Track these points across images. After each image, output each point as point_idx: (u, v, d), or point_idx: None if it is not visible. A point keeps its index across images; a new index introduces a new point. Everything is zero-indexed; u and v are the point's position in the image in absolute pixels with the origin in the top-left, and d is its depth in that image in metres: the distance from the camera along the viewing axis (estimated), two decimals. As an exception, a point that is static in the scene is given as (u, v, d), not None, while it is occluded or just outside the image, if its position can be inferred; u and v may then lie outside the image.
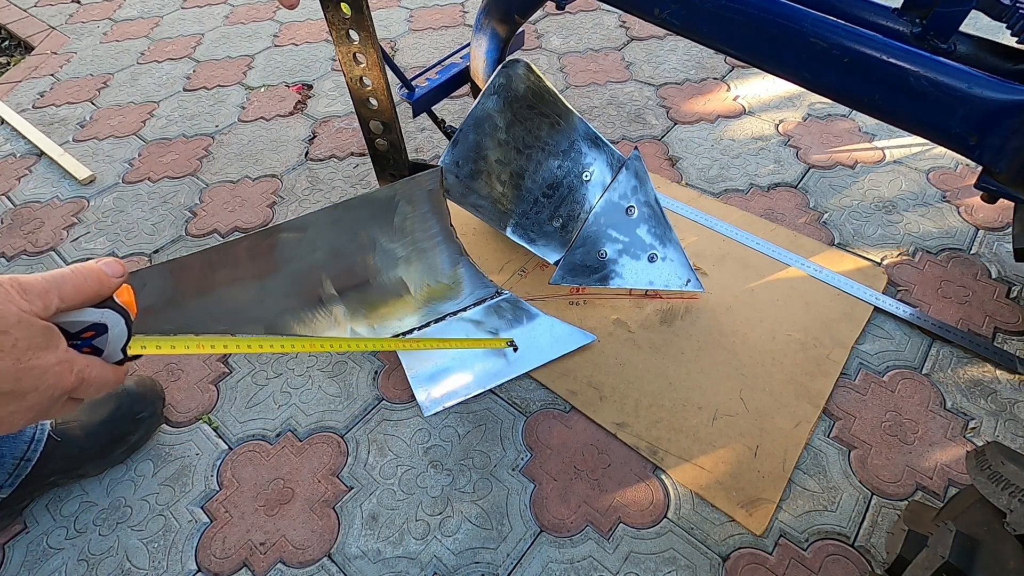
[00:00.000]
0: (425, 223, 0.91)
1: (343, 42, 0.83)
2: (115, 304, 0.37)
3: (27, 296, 0.32)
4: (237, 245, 0.74)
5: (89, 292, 0.35)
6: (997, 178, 0.72)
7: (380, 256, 0.89)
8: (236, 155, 1.34)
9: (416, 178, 0.85)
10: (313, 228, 0.80)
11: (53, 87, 1.64)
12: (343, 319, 0.88)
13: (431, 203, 0.89)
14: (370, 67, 0.85)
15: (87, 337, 0.36)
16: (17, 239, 1.17)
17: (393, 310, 0.92)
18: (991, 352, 0.86)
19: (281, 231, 0.77)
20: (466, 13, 1.80)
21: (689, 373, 0.86)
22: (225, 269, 0.75)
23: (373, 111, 0.92)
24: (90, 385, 0.36)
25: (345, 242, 0.85)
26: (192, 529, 0.75)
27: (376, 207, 0.85)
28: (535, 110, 0.91)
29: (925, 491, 0.74)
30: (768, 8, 0.71)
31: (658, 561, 0.69)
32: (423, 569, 0.70)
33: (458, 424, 0.83)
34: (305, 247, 0.81)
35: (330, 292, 0.86)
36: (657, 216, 0.92)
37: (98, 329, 0.36)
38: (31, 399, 0.32)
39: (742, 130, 1.30)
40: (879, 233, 1.05)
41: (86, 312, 0.36)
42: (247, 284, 0.78)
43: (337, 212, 0.81)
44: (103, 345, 0.37)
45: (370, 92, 0.89)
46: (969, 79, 0.65)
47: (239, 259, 0.76)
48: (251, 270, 0.77)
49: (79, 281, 0.34)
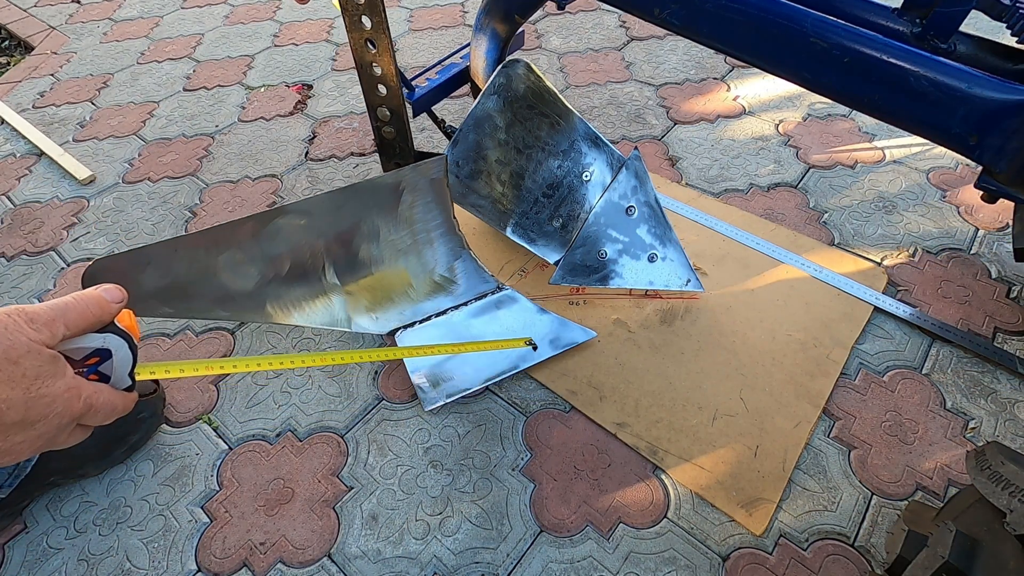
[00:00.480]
0: (428, 213, 0.91)
1: (356, 28, 0.84)
2: (117, 328, 0.37)
3: (34, 325, 0.32)
4: (242, 225, 0.75)
5: (92, 319, 0.35)
6: (997, 178, 0.72)
7: (383, 245, 0.89)
8: (236, 155, 1.34)
9: (421, 165, 0.85)
10: (317, 212, 0.80)
11: (53, 87, 1.64)
12: (344, 308, 0.88)
13: (435, 192, 0.89)
14: (381, 53, 0.86)
15: (92, 364, 0.36)
16: (17, 239, 1.17)
17: (394, 301, 0.92)
18: (991, 352, 0.86)
19: (285, 213, 0.77)
20: (466, 13, 1.80)
21: (689, 373, 0.86)
22: (228, 251, 0.75)
23: (382, 98, 0.93)
24: (98, 411, 0.36)
25: (348, 229, 0.84)
26: (192, 529, 0.75)
27: (380, 194, 0.85)
28: (535, 110, 0.91)
29: (925, 491, 0.74)
30: (768, 8, 0.71)
31: (658, 561, 0.69)
32: (423, 569, 0.70)
33: (458, 424, 0.83)
34: (309, 232, 0.81)
35: (332, 281, 0.86)
36: (657, 216, 0.92)
37: (102, 355, 0.36)
38: (40, 428, 0.32)
39: (742, 130, 1.30)
40: (879, 233, 1.05)
41: (88, 338, 0.36)
42: (248, 268, 0.78)
43: (341, 197, 0.81)
44: (109, 371, 0.37)
45: (380, 79, 0.90)
46: (969, 79, 0.65)
47: (242, 241, 0.76)
48: (253, 253, 0.78)
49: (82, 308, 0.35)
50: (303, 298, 0.85)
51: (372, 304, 0.90)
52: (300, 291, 0.84)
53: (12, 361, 0.30)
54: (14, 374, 0.30)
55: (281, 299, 0.83)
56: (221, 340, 0.95)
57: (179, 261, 0.73)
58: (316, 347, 0.94)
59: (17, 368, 0.30)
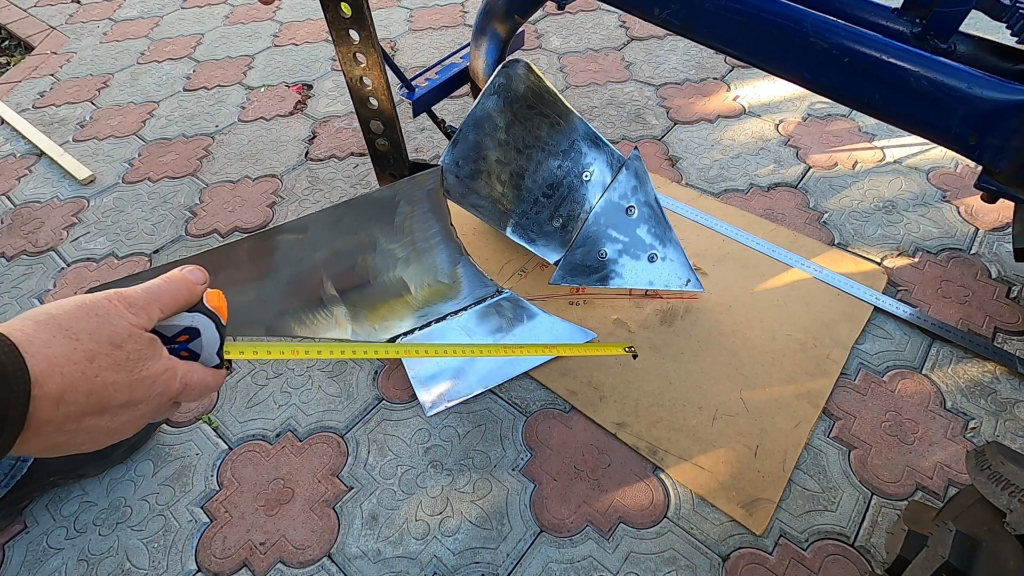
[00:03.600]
0: (425, 223, 0.91)
1: (343, 42, 0.83)
2: (205, 308, 0.38)
3: (133, 310, 0.34)
4: (238, 247, 0.74)
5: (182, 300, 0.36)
6: (997, 178, 0.72)
7: (380, 256, 0.89)
8: (236, 155, 1.34)
9: (416, 177, 0.85)
10: (314, 229, 0.80)
11: (53, 87, 1.64)
12: (344, 320, 0.88)
13: (431, 203, 0.89)
14: (370, 67, 0.85)
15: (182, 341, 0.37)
16: (17, 239, 1.17)
17: (393, 310, 0.92)
18: (991, 352, 0.86)
19: (282, 232, 0.77)
20: (466, 13, 1.80)
21: (689, 373, 0.86)
22: (226, 271, 0.75)
23: (373, 111, 0.92)
24: (192, 389, 0.37)
25: (345, 242, 0.85)
26: (192, 529, 0.75)
27: (376, 207, 0.85)
28: (535, 110, 0.91)
29: (925, 491, 0.74)
30: (768, 8, 0.71)
31: (658, 561, 0.69)
32: (423, 569, 0.70)
33: (458, 424, 0.83)
34: (306, 248, 0.81)
35: (331, 293, 0.86)
36: (657, 216, 0.92)
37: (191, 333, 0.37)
38: (142, 408, 0.34)
39: (742, 130, 1.30)
40: (879, 233, 1.05)
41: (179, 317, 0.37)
42: (247, 286, 0.78)
43: (338, 212, 0.81)
44: (199, 349, 0.38)
45: (370, 92, 0.89)
46: (969, 79, 0.65)
47: (240, 261, 0.76)
48: (251, 272, 0.77)
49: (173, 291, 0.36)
50: (302, 311, 0.85)
51: (371, 313, 0.90)
52: (299, 305, 0.84)
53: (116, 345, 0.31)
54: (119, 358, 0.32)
55: (280, 314, 0.83)
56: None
57: None
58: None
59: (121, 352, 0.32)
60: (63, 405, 0.30)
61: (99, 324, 0.31)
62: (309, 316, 0.85)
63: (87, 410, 0.31)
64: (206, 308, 0.38)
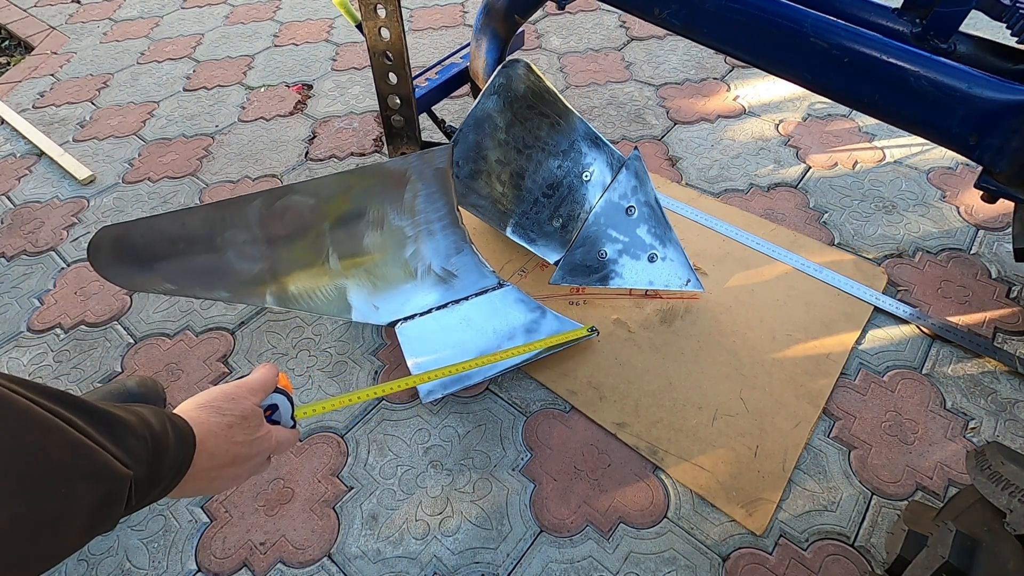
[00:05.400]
0: (432, 204, 0.91)
1: (371, 17, 0.87)
2: (280, 389, 0.53)
3: (252, 394, 0.48)
4: (251, 200, 0.75)
5: (269, 387, 0.51)
6: (997, 178, 0.72)
7: (388, 234, 0.89)
8: (236, 155, 1.34)
9: (427, 153, 0.85)
10: (324, 194, 0.81)
11: (53, 87, 1.64)
12: (346, 296, 0.88)
13: (439, 183, 0.89)
14: (394, 42, 0.89)
15: (268, 415, 0.52)
16: (17, 239, 1.17)
17: (397, 291, 0.92)
18: (991, 352, 0.86)
19: (294, 191, 0.78)
20: (466, 13, 1.80)
21: (689, 373, 0.86)
22: (233, 229, 0.76)
23: (392, 87, 0.94)
24: (281, 446, 0.51)
25: (354, 214, 0.85)
26: (192, 529, 0.75)
27: (388, 179, 0.85)
28: (535, 110, 0.91)
29: (925, 491, 0.74)
30: (768, 8, 0.71)
31: (658, 561, 0.69)
32: (423, 569, 0.70)
33: (458, 424, 0.83)
34: (315, 214, 0.82)
35: (335, 267, 0.86)
36: (657, 216, 0.92)
37: (273, 408, 0.52)
38: (256, 460, 0.48)
39: (742, 130, 1.30)
40: (879, 233, 1.05)
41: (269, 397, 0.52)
42: (253, 248, 0.79)
43: (350, 180, 0.82)
44: (279, 418, 0.53)
45: (391, 67, 0.92)
46: (969, 79, 0.65)
47: (248, 219, 0.76)
48: (258, 234, 0.78)
49: (267, 381, 0.51)
50: (306, 281, 0.85)
51: (373, 292, 0.90)
52: (303, 276, 0.84)
53: (245, 418, 0.46)
54: (247, 427, 0.46)
55: (283, 284, 0.83)
56: (221, 340, 0.95)
57: (185, 234, 0.72)
58: (316, 347, 0.94)
59: (247, 422, 0.46)
60: (213, 458, 0.43)
61: (235, 405, 0.46)
62: (311, 287, 0.86)
63: (226, 462, 0.44)
64: (281, 389, 0.53)
